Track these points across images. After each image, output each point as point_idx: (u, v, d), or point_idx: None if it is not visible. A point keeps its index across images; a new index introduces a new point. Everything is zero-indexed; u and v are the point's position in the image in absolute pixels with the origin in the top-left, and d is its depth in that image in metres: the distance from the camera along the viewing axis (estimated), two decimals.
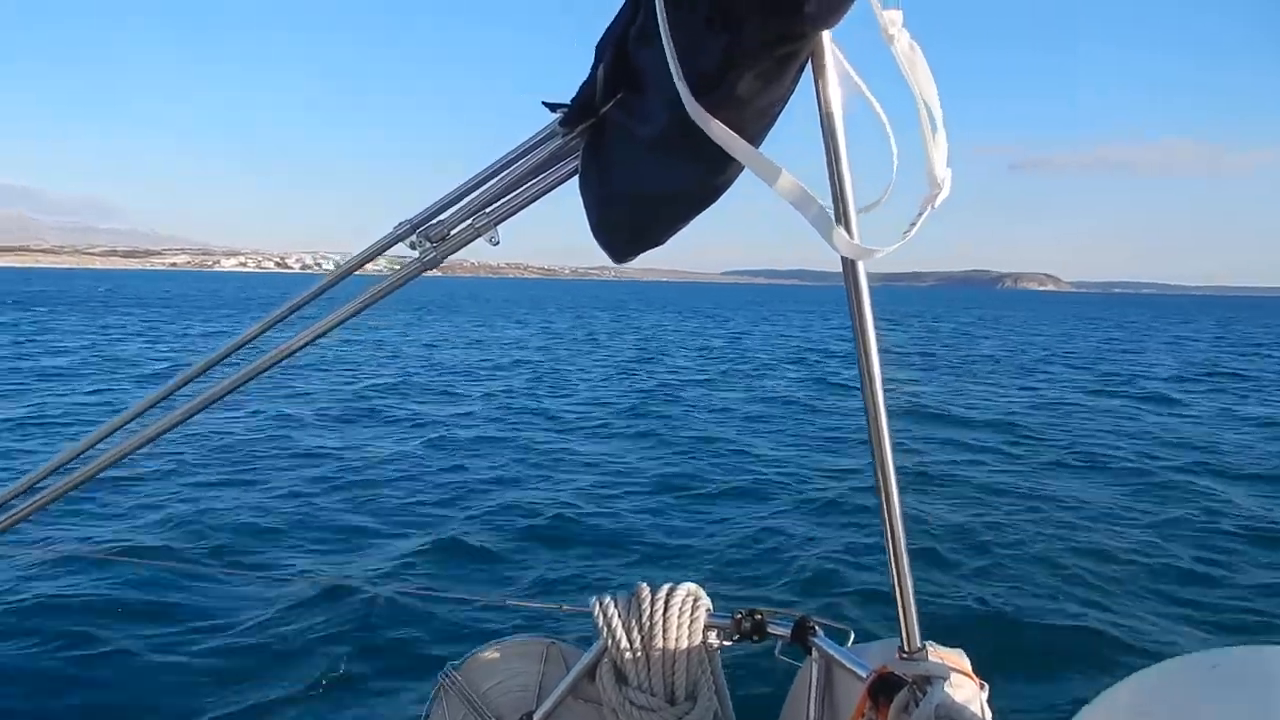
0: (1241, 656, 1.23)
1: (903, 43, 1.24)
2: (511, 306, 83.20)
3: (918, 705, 1.50)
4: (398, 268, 1.58)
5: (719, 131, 1.20)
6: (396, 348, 31.45)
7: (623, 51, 1.33)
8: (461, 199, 1.51)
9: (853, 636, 1.92)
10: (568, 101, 1.42)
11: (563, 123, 1.41)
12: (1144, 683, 1.26)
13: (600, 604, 2.03)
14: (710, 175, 1.36)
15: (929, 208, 1.27)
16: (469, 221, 1.52)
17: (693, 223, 1.49)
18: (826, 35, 1.22)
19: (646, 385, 22.77)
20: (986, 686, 1.68)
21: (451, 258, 1.57)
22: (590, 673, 2.05)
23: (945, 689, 1.50)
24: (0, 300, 63.05)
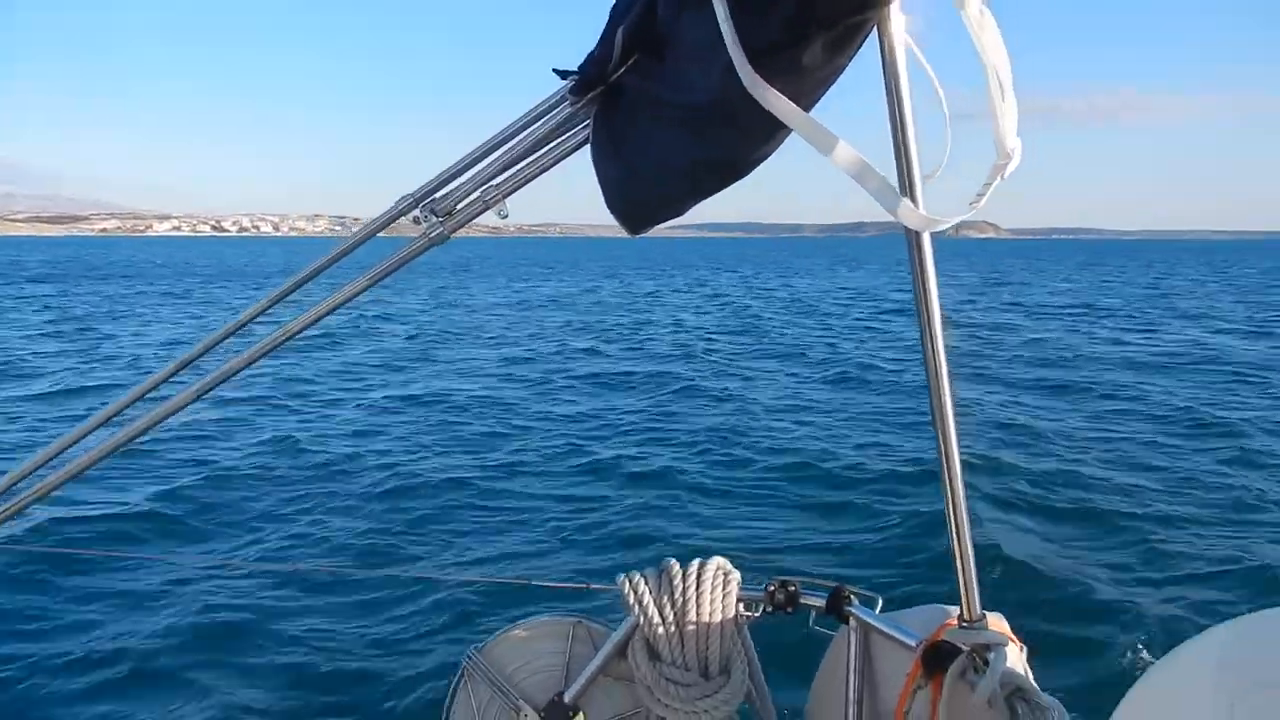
0: None
1: (973, 8, 1.20)
2: (489, 268, 79.88)
3: (976, 674, 1.51)
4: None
5: (777, 102, 1.16)
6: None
7: (648, 15, 1.28)
8: (466, 171, 1.46)
9: (880, 604, 1.92)
10: (575, 69, 1.36)
11: (574, 90, 1.36)
12: (1218, 639, 1.26)
13: (630, 581, 2.01)
14: (754, 146, 1.32)
15: (999, 177, 1.24)
16: (477, 194, 1.46)
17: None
18: (895, 7, 1.18)
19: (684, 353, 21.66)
20: (1026, 649, 1.70)
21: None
22: (621, 650, 2.04)
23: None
24: None
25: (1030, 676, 1.64)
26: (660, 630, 1.95)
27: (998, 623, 1.66)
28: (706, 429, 12.68)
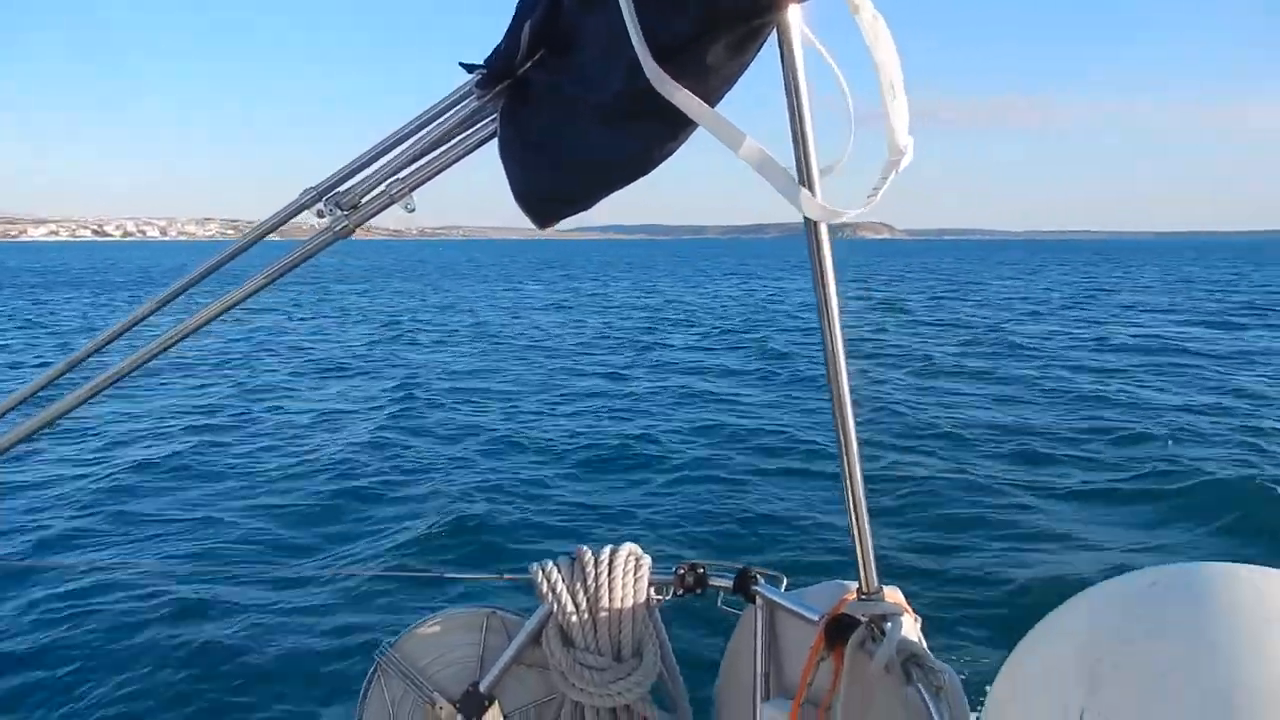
0: (1175, 573, 1.37)
1: (867, 13, 1.27)
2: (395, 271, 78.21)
3: (875, 643, 1.59)
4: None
5: (683, 98, 1.20)
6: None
7: (554, 10, 1.31)
8: (372, 164, 1.46)
9: (785, 582, 2.00)
10: (481, 63, 1.37)
11: (480, 83, 1.37)
12: (1084, 604, 1.37)
13: (543, 569, 2.04)
14: (660, 141, 1.35)
15: (893, 173, 1.32)
16: (383, 188, 1.46)
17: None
18: (795, 6, 1.25)
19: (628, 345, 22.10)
20: (920, 619, 1.80)
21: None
22: (535, 638, 2.06)
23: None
24: None
25: (924, 644, 1.74)
26: (574, 617, 1.99)
27: (894, 595, 1.75)
28: (618, 423, 12.93)
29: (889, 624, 1.59)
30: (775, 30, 1.27)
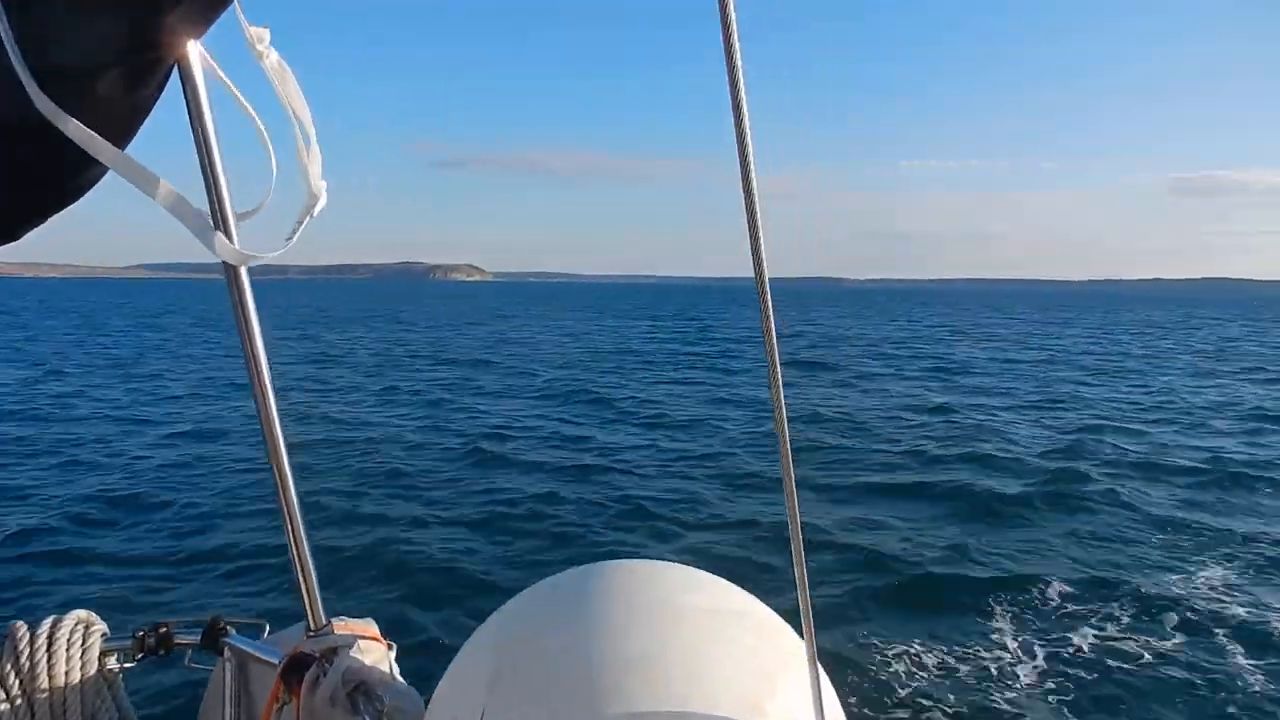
0: (576, 572, 1.55)
1: (272, 60, 1.31)
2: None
3: (325, 676, 1.60)
4: None
5: (78, 132, 1.14)
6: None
7: None
8: None
9: (268, 629, 1.94)
10: None
11: None
12: (501, 612, 1.52)
13: None
14: (69, 174, 1.28)
15: (308, 217, 1.36)
16: None
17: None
18: (195, 44, 1.24)
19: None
20: (394, 647, 1.85)
21: None
22: None
23: (352, 655, 1.63)
24: None
25: (395, 671, 1.79)
26: (4, 706, 1.74)
27: (362, 627, 1.78)
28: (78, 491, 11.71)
29: (337, 656, 1.62)
30: (179, 68, 1.26)
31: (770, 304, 0.96)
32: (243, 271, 1.40)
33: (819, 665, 1.22)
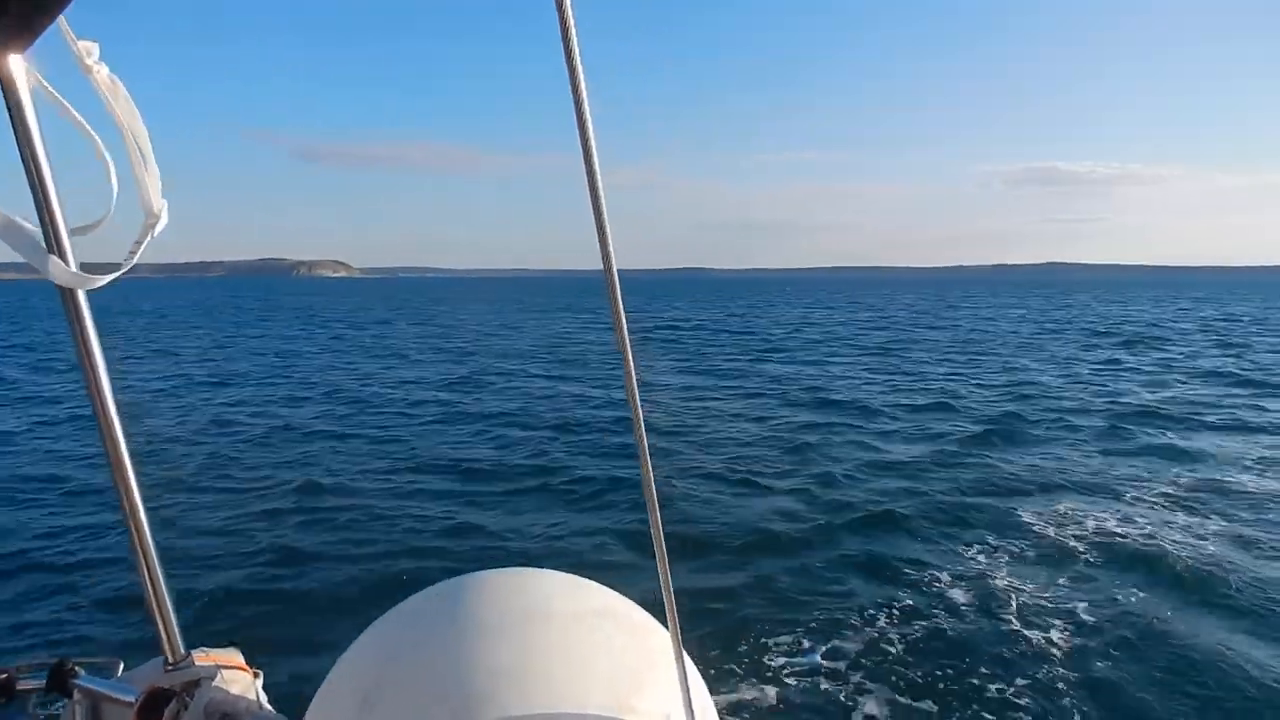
0: (444, 587, 1.56)
1: (102, 75, 1.25)
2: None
3: (187, 710, 1.55)
4: None
5: None
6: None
7: None
8: None
9: (122, 667, 1.86)
10: None
11: None
12: (371, 635, 1.51)
13: None
14: None
15: (149, 236, 1.32)
16: None
17: None
18: (18, 59, 1.18)
19: None
20: (260, 674, 1.80)
21: None
22: None
23: (215, 686, 1.58)
24: None
25: (263, 699, 1.74)
26: None
27: (228, 656, 1.73)
28: None
29: (199, 688, 1.57)
30: (2, 85, 1.19)
31: (620, 296, 0.99)
32: (80, 295, 1.34)
33: (686, 659, 1.27)
